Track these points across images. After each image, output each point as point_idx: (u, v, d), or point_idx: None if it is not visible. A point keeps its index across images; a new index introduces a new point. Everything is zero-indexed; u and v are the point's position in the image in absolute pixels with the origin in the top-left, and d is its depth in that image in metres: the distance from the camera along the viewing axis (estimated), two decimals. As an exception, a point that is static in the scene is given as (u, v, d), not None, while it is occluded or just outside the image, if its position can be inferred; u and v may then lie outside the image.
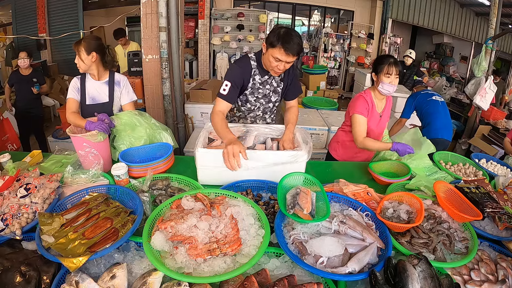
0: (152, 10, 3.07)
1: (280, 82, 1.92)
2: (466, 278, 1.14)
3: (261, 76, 1.86)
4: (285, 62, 1.66)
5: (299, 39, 1.62)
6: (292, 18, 8.27)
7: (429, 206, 1.42)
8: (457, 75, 8.01)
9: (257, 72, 1.85)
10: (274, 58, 1.66)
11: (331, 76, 7.82)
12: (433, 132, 2.93)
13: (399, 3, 7.19)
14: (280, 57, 1.63)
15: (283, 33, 1.60)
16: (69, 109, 1.90)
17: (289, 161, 1.55)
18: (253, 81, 1.87)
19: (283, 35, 1.60)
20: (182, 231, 1.12)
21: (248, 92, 1.90)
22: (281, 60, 1.64)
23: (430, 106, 3.03)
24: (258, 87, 1.89)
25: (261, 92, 1.91)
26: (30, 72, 3.62)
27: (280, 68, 1.69)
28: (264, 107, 1.99)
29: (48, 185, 1.35)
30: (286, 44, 1.59)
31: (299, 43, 1.62)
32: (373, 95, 2.01)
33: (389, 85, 1.91)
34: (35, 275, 1.00)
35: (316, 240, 1.11)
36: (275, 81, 1.90)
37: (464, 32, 7.43)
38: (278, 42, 1.60)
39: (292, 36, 1.60)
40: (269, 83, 1.89)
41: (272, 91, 1.93)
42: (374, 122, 2.05)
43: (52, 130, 4.34)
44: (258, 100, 1.94)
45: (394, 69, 1.89)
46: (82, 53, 1.88)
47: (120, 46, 4.74)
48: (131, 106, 2.09)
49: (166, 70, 3.17)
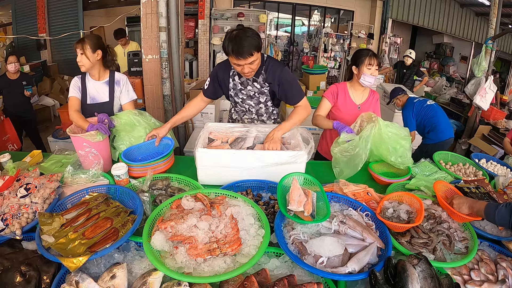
0: (152, 10, 3.07)
1: (264, 83, 1.85)
2: (466, 278, 1.14)
3: (239, 77, 1.86)
4: (246, 64, 1.62)
5: (251, 37, 1.56)
6: (292, 18, 8.27)
7: (429, 206, 1.42)
8: (457, 75, 8.01)
9: (235, 73, 1.84)
10: (234, 64, 1.66)
11: (331, 76, 7.82)
12: (441, 135, 3.01)
13: (399, 3, 7.19)
14: (237, 62, 1.61)
15: (230, 39, 1.57)
16: (71, 107, 1.90)
17: (288, 161, 1.54)
18: (233, 82, 1.88)
19: (231, 42, 1.56)
20: (182, 231, 1.12)
21: (233, 93, 1.92)
22: (240, 64, 1.62)
23: (429, 111, 3.07)
24: (240, 88, 1.89)
25: (245, 93, 1.90)
26: (18, 76, 3.56)
27: (245, 70, 1.65)
28: (255, 109, 1.97)
29: (48, 185, 1.35)
30: (236, 50, 1.55)
31: (250, 42, 1.56)
32: (348, 86, 2.10)
33: (370, 77, 1.96)
34: (35, 275, 1.00)
35: (316, 240, 1.11)
36: (257, 83, 1.85)
37: (464, 32, 7.44)
38: (228, 49, 1.58)
39: (240, 39, 1.54)
40: (250, 84, 1.86)
41: (257, 92, 1.89)
42: (348, 111, 2.09)
43: (52, 130, 4.33)
44: (245, 101, 1.94)
45: (375, 61, 1.95)
46: (88, 51, 1.86)
47: (119, 46, 4.74)
48: (131, 105, 2.09)
49: (166, 70, 3.17)
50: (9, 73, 3.50)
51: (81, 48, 1.86)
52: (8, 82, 3.51)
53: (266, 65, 1.79)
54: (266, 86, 1.85)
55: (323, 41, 7.52)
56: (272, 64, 1.80)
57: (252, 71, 1.70)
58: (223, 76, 1.88)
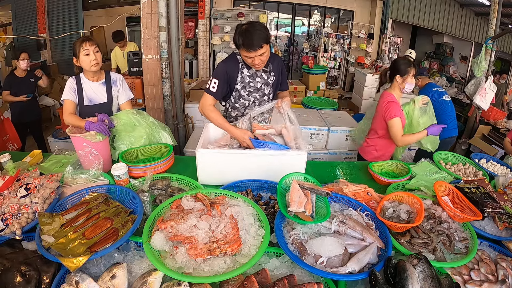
0: (152, 10, 3.07)
1: (270, 74, 1.94)
2: (466, 278, 1.14)
3: (248, 69, 1.90)
4: (257, 56, 1.70)
5: (260, 30, 1.65)
6: (292, 18, 8.27)
7: (429, 206, 1.42)
8: (457, 75, 8.01)
9: (244, 66, 1.89)
10: (245, 57, 1.74)
11: (331, 76, 7.82)
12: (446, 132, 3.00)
13: (399, 3, 7.18)
14: (248, 55, 1.70)
15: (241, 32, 1.67)
16: (66, 111, 1.86)
17: (289, 161, 1.55)
18: (241, 75, 1.90)
19: (242, 35, 1.66)
20: (182, 231, 1.12)
21: (240, 87, 1.94)
22: (251, 56, 1.70)
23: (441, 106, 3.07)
24: (248, 80, 1.92)
25: (253, 86, 1.94)
26: (26, 74, 3.59)
27: (256, 62, 1.73)
28: (259, 101, 2.01)
29: (48, 185, 1.35)
30: (247, 42, 1.65)
31: (260, 35, 1.65)
32: (395, 96, 2.18)
33: (412, 84, 2.16)
34: (35, 275, 1.00)
35: (316, 240, 1.11)
36: (265, 74, 1.93)
37: (464, 32, 7.43)
38: (239, 42, 1.68)
39: (251, 32, 1.64)
40: (258, 75, 1.92)
41: (264, 83, 1.95)
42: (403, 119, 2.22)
43: (52, 130, 4.33)
44: (251, 94, 1.97)
45: (414, 69, 2.14)
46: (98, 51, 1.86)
47: (117, 48, 4.77)
48: (128, 105, 2.08)
49: (166, 70, 3.17)
50: (17, 71, 3.52)
51: (96, 45, 1.85)
52: (16, 80, 3.53)
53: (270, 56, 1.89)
54: (272, 77, 1.95)
55: (323, 41, 7.51)
56: (272, 55, 1.91)
57: (262, 63, 1.78)
58: (232, 72, 1.90)
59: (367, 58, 7.64)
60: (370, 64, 7.46)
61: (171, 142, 1.96)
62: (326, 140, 3.31)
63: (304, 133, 3.19)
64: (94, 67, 1.87)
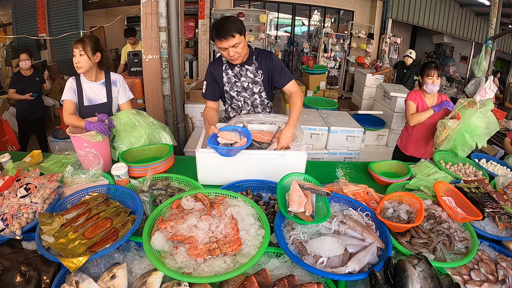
0: (152, 10, 3.07)
1: (257, 72, 1.93)
2: (466, 278, 1.14)
3: (232, 69, 1.92)
4: (230, 47, 1.71)
5: (232, 21, 1.68)
6: (292, 18, 8.28)
7: (429, 206, 1.42)
8: (457, 75, 8.02)
9: (228, 67, 1.93)
10: (220, 49, 1.75)
11: (331, 76, 7.82)
12: None
13: (399, 3, 7.18)
14: (220, 45, 1.71)
15: (214, 24, 1.71)
16: (66, 111, 1.86)
17: (289, 161, 1.55)
18: (227, 76, 1.94)
19: (214, 27, 1.70)
20: (182, 231, 1.12)
21: (228, 87, 1.97)
22: (224, 47, 1.71)
23: None
24: (234, 80, 1.94)
25: (239, 85, 1.95)
26: (32, 72, 3.62)
27: (231, 53, 1.74)
28: (250, 100, 2.02)
29: (48, 185, 1.35)
30: (218, 32, 1.67)
31: (230, 24, 1.66)
32: (422, 93, 2.45)
33: (431, 85, 2.32)
34: (35, 275, 1.00)
35: (316, 240, 1.11)
36: (250, 72, 1.92)
37: (464, 32, 7.44)
38: (213, 34, 1.71)
39: (222, 22, 1.68)
40: (243, 74, 1.93)
41: (251, 82, 1.95)
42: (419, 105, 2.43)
43: (52, 130, 4.33)
44: (240, 94, 1.99)
45: (436, 72, 2.28)
46: (88, 52, 1.84)
47: (129, 45, 4.70)
48: (128, 105, 2.08)
49: (166, 70, 3.17)
50: (22, 70, 3.55)
51: (82, 48, 1.82)
52: (22, 79, 3.55)
53: (256, 54, 1.92)
54: (259, 75, 1.94)
55: (323, 41, 7.52)
56: (261, 52, 1.93)
57: (239, 55, 1.78)
58: (216, 72, 1.96)
59: (367, 58, 7.65)
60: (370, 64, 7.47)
61: (171, 142, 1.96)
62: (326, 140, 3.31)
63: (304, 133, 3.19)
64: (78, 70, 1.88)
